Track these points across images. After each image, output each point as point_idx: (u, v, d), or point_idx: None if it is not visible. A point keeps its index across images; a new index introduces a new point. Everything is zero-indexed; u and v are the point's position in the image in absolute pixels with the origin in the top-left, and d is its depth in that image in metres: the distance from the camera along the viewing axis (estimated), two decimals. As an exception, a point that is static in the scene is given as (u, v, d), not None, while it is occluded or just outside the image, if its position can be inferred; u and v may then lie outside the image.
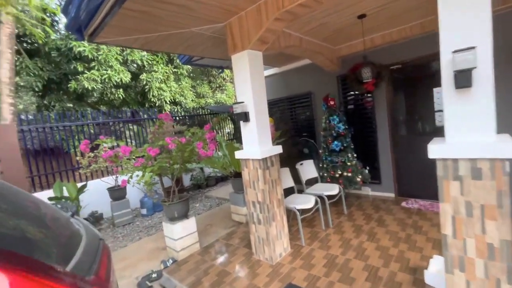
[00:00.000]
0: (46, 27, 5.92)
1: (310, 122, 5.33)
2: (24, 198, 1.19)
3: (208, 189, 7.18)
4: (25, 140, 5.28)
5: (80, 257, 0.84)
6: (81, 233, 1.03)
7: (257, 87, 2.79)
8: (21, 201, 1.14)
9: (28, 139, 5.49)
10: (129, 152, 2.89)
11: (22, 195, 1.23)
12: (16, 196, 1.17)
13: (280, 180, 3.03)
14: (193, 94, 10.66)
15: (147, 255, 3.57)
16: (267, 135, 2.92)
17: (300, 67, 5.24)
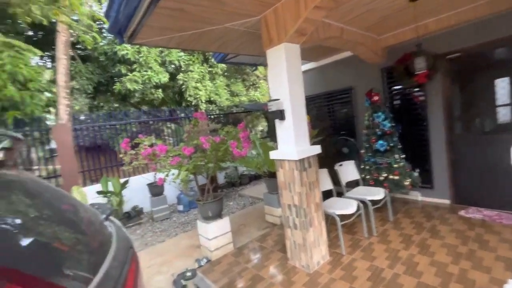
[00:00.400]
0: (94, 33, 6.39)
1: (350, 119, 4.95)
2: (63, 201, 1.18)
3: (242, 187, 7.17)
4: (77, 138, 5.78)
5: (108, 268, 0.77)
6: (111, 239, 0.98)
7: (294, 83, 2.60)
8: (59, 205, 1.12)
9: (80, 137, 6.00)
10: (165, 151, 2.92)
11: (61, 196, 1.22)
12: (56, 198, 1.16)
13: (319, 183, 2.81)
14: (228, 93, 10.78)
15: (182, 252, 3.62)
16: (305, 134, 2.72)
17: (340, 61, 4.89)
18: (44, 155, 5.96)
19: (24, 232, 0.80)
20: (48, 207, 1.05)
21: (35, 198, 1.07)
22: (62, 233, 0.93)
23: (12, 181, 1.11)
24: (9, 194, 0.95)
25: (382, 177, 3.79)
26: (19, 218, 0.86)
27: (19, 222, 0.84)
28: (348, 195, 3.50)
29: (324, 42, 3.36)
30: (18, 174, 1.28)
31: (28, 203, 1.00)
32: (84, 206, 1.28)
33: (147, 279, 3.03)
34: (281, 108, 2.60)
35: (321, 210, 2.83)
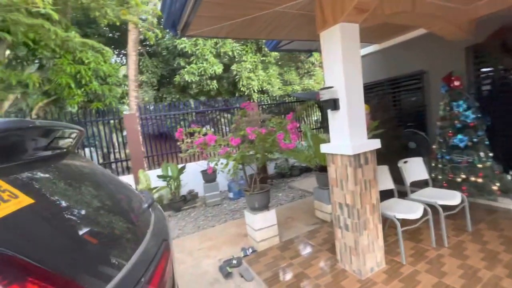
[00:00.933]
0: (156, 30, 6.91)
1: (421, 109, 4.27)
2: (121, 191, 1.23)
3: (292, 179, 7.02)
4: (143, 126, 6.43)
5: (137, 260, 0.76)
6: (148, 228, 0.99)
7: (351, 69, 2.30)
8: (117, 195, 1.17)
9: (145, 126, 6.68)
10: (214, 141, 2.97)
11: (120, 186, 1.28)
12: (115, 189, 1.21)
13: (376, 182, 2.48)
14: (280, 82, 10.57)
15: (230, 239, 3.72)
16: (362, 126, 2.41)
17: (409, 41, 4.21)
18: (122, 141, 6.87)
19: (82, 224, 0.84)
20: (108, 197, 1.11)
21: (99, 188, 1.15)
22: (117, 223, 0.97)
23: (80, 172, 1.20)
24: (76, 183, 1.02)
25: (460, 179, 3.16)
26: (82, 209, 0.91)
27: (81, 213, 0.88)
28: (413, 197, 3.04)
29: (390, 19, 2.88)
30: (88, 163, 1.41)
31: (93, 193, 1.06)
32: (135, 195, 1.33)
33: (197, 261, 3.21)
34: (335, 97, 2.34)
35: (378, 212, 2.51)
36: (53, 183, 0.87)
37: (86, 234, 0.76)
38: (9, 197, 0.59)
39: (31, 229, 0.60)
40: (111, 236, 0.86)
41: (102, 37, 10.52)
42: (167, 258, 0.86)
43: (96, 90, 7.94)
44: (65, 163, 1.09)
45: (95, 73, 8.07)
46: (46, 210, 0.71)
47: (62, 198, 0.83)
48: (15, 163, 0.76)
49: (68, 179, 0.97)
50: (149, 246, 0.86)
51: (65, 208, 0.81)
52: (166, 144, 6.62)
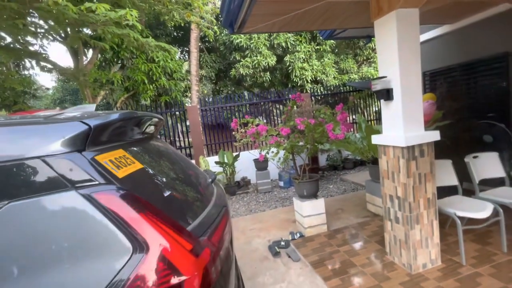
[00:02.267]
0: (215, 28, 7.41)
1: (502, 97, 3.69)
2: (190, 167, 1.55)
3: (345, 172, 6.86)
4: (203, 117, 7.09)
5: (202, 219, 1.02)
6: (212, 198, 1.26)
7: (407, 58, 2.21)
8: (187, 170, 1.49)
9: (205, 117, 7.34)
10: (265, 131, 3.20)
11: (188, 164, 1.61)
12: (185, 165, 1.54)
13: (433, 176, 2.36)
14: (336, 71, 10.16)
15: (279, 224, 3.96)
16: (418, 117, 2.30)
17: (489, 18, 3.64)
18: (186, 130, 7.75)
19: (166, 187, 1.15)
20: (181, 171, 1.44)
21: (174, 164, 1.49)
22: (188, 191, 1.28)
23: (162, 151, 1.55)
24: (160, 159, 1.37)
25: (548, 179, 2.71)
26: (164, 177, 1.23)
27: (164, 180, 1.21)
28: (482, 195, 2.75)
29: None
30: (165, 145, 1.79)
31: (170, 167, 1.40)
32: (201, 172, 1.65)
33: (249, 240, 3.55)
34: (388, 87, 2.29)
35: (434, 207, 2.39)
36: (149, 157, 1.21)
37: (172, 191, 1.06)
38: (130, 162, 0.91)
39: (144, 182, 0.91)
40: (187, 197, 1.16)
41: (168, 36, 11.75)
42: (226, 220, 1.11)
43: (164, 85, 9.02)
44: (152, 143, 1.44)
45: (163, 70, 9.15)
46: (149, 173, 1.04)
47: (156, 167, 1.16)
48: (127, 141, 1.10)
49: (156, 155, 1.31)
50: (213, 209, 1.13)
51: (158, 173, 1.14)
52: (223, 134, 7.17)
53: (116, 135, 1.05)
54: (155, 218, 0.75)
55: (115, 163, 0.86)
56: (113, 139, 1.01)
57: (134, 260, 0.69)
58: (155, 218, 0.75)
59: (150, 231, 0.72)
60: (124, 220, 0.72)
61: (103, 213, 0.72)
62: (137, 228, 0.71)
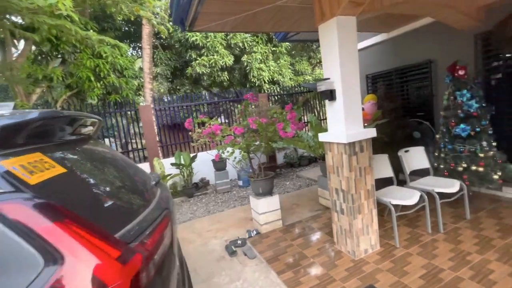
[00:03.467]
0: (168, 24, 7.12)
1: (427, 99, 4.25)
2: (136, 173, 1.46)
3: (301, 169, 7.17)
4: (158, 117, 6.76)
5: (136, 224, 0.98)
6: (152, 201, 1.21)
7: (347, 61, 2.40)
8: (133, 176, 1.40)
9: (160, 117, 7.01)
10: (220, 130, 3.18)
11: (127, 166, 1.52)
12: (132, 171, 1.44)
13: (372, 169, 2.60)
14: (292, 72, 10.56)
15: (237, 223, 3.98)
16: (357, 116, 2.52)
17: (417, 30, 4.15)
18: (139, 131, 7.27)
19: (95, 192, 1.07)
20: (117, 174, 1.35)
21: (111, 167, 1.39)
22: (123, 195, 1.20)
23: (97, 153, 1.44)
24: (93, 162, 1.26)
25: (461, 168, 3.20)
26: (96, 181, 1.14)
27: (95, 184, 1.12)
28: (412, 185, 3.12)
29: (392, 9, 2.91)
30: (103, 147, 1.66)
31: (105, 170, 1.30)
32: (143, 174, 1.57)
33: (205, 241, 3.49)
34: (331, 88, 2.46)
35: (373, 198, 2.64)
36: (77, 160, 1.11)
37: (103, 195, 0.99)
38: (49, 166, 0.82)
39: (65, 188, 0.83)
40: (120, 201, 1.10)
41: (118, 31, 10.91)
42: (166, 223, 1.07)
43: (114, 83, 8.36)
44: (87, 147, 1.32)
45: (113, 66, 8.47)
46: (74, 177, 0.95)
47: (86, 171, 1.07)
48: (50, 144, 0.99)
49: (89, 158, 1.21)
50: (151, 213, 1.08)
51: (87, 177, 1.05)
52: (180, 134, 6.93)
53: (35, 137, 0.94)
54: (74, 227, 0.70)
55: (28, 168, 0.77)
56: (30, 141, 0.91)
57: (45, 274, 0.63)
58: (74, 226, 0.70)
59: (67, 241, 0.67)
60: (34, 231, 0.65)
61: (7, 225, 0.64)
62: (50, 239, 0.65)
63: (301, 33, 5.99)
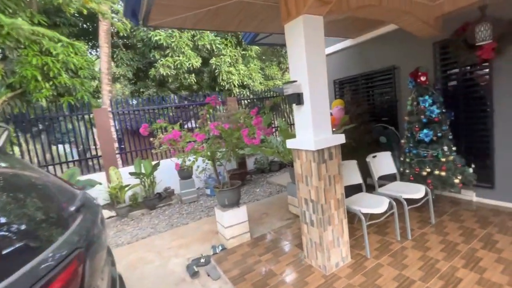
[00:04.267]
0: (127, 21, 6.60)
1: (392, 104, 4.33)
2: (41, 188, 1.12)
3: (271, 174, 7.02)
4: (120, 122, 6.16)
5: (22, 276, 0.67)
6: (59, 237, 0.89)
7: (314, 62, 2.25)
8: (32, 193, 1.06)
9: (119, 121, 6.41)
10: (179, 136, 2.86)
11: (41, 182, 1.17)
12: (43, 195, 1.10)
13: (341, 177, 2.48)
14: (261, 77, 10.47)
15: (201, 237, 3.64)
16: (326, 121, 2.38)
17: (382, 36, 4.23)
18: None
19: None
20: (28, 206, 1.00)
21: (27, 197, 1.03)
22: (27, 238, 0.87)
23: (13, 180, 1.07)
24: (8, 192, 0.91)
25: (425, 172, 3.23)
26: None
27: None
28: (380, 191, 3.08)
29: (358, 13, 2.86)
30: (11, 160, 1.28)
31: (19, 204, 0.95)
32: (63, 194, 1.22)
33: (165, 261, 3.12)
34: (298, 91, 2.29)
35: (343, 207, 2.51)
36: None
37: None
38: None
39: None
40: (6, 239, 0.77)
41: (73, 27, 9.95)
42: (73, 269, 0.77)
43: (66, 84, 7.52)
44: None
45: (65, 65, 7.63)
46: None
47: None
48: None
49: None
50: (53, 254, 0.77)
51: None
52: (141, 141, 6.38)
53: None
54: None
55: None
56: None
57: None
58: None
59: None
60: None
61: None
62: None
63: (270, 36, 5.89)
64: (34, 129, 7.67)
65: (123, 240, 4.01)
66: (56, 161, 5.54)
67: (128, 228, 4.48)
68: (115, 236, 4.19)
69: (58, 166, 5.41)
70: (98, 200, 5.15)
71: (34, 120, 5.23)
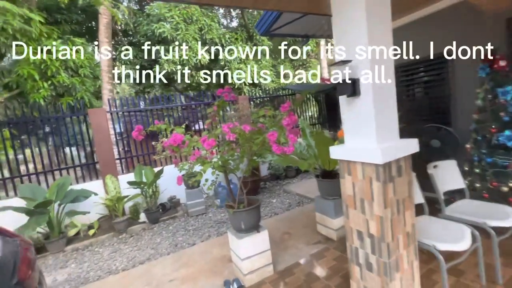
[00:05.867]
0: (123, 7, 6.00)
1: (443, 99, 3.52)
2: None
3: (287, 181, 6.26)
4: (113, 123, 5.54)
5: None
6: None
7: (379, 32, 1.52)
8: None
9: (119, 123, 5.80)
10: (182, 142, 2.16)
11: None
12: None
13: (412, 200, 1.72)
14: (274, 74, 9.74)
15: (211, 266, 2.93)
16: (393, 121, 1.64)
17: (428, 17, 3.43)
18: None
19: None
20: None
21: None
22: None
23: None
24: None
25: (506, 188, 2.43)
26: None
27: None
28: (450, 215, 2.29)
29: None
30: None
31: None
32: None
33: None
34: (354, 76, 1.56)
35: (414, 243, 1.75)
36: None
37: None
38: None
39: None
40: None
41: (76, 24, 9.50)
42: None
43: (65, 83, 6.99)
44: None
45: (65, 63, 7.11)
46: None
47: None
48: None
49: None
50: None
51: None
52: (144, 145, 5.74)
53: None
54: None
55: None
56: None
57: None
58: None
59: None
60: None
61: None
62: None
63: (286, 26, 5.21)
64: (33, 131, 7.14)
65: (117, 264, 3.35)
66: (53, 167, 4.95)
67: (125, 247, 3.82)
68: (109, 259, 3.54)
69: (59, 171, 4.82)
70: (92, 212, 4.52)
71: (24, 122, 4.66)
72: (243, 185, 2.47)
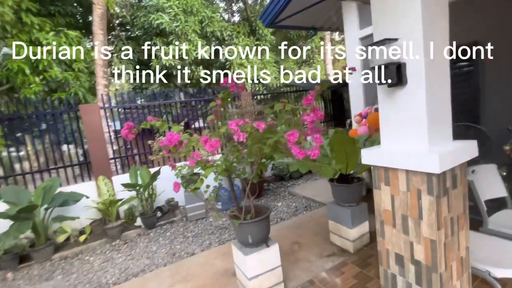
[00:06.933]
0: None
1: (472, 97, 3.18)
2: None
3: (292, 183, 5.92)
4: (107, 120, 5.18)
5: None
6: None
7: (433, 8, 1.17)
8: None
9: (114, 120, 5.45)
10: (178, 142, 1.82)
11: None
12: None
13: (467, 218, 1.38)
14: (276, 70, 9.36)
15: (212, 281, 2.60)
16: (447, 116, 1.29)
17: (454, 2, 3.07)
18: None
19: None
20: None
21: None
22: None
23: None
24: None
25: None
26: None
27: None
28: (494, 229, 1.95)
29: None
30: None
31: None
32: None
33: (158, 329, 2.09)
34: (399, 60, 1.20)
35: (468, 270, 1.41)
36: None
37: None
38: None
39: None
40: None
41: (71, 17, 9.10)
42: None
43: (58, 78, 6.62)
44: None
45: (58, 57, 6.73)
46: None
47: None
48: None
49: None
50: None
51: None
52: (139, 143, 5.38)
53: None
54: None
55: None
56: None
57: None
58: None
59: None
60: None
61: None
62: None
63: (292, 17, 4.91)
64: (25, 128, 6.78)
65: (108, 277, 3.02)
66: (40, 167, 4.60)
67: (118, 256, 3.49)
68: (99, 270, 3.20)
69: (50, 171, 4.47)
70: (84, 216, 4.19)
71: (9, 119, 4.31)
72: (251, 198, 2.12)
